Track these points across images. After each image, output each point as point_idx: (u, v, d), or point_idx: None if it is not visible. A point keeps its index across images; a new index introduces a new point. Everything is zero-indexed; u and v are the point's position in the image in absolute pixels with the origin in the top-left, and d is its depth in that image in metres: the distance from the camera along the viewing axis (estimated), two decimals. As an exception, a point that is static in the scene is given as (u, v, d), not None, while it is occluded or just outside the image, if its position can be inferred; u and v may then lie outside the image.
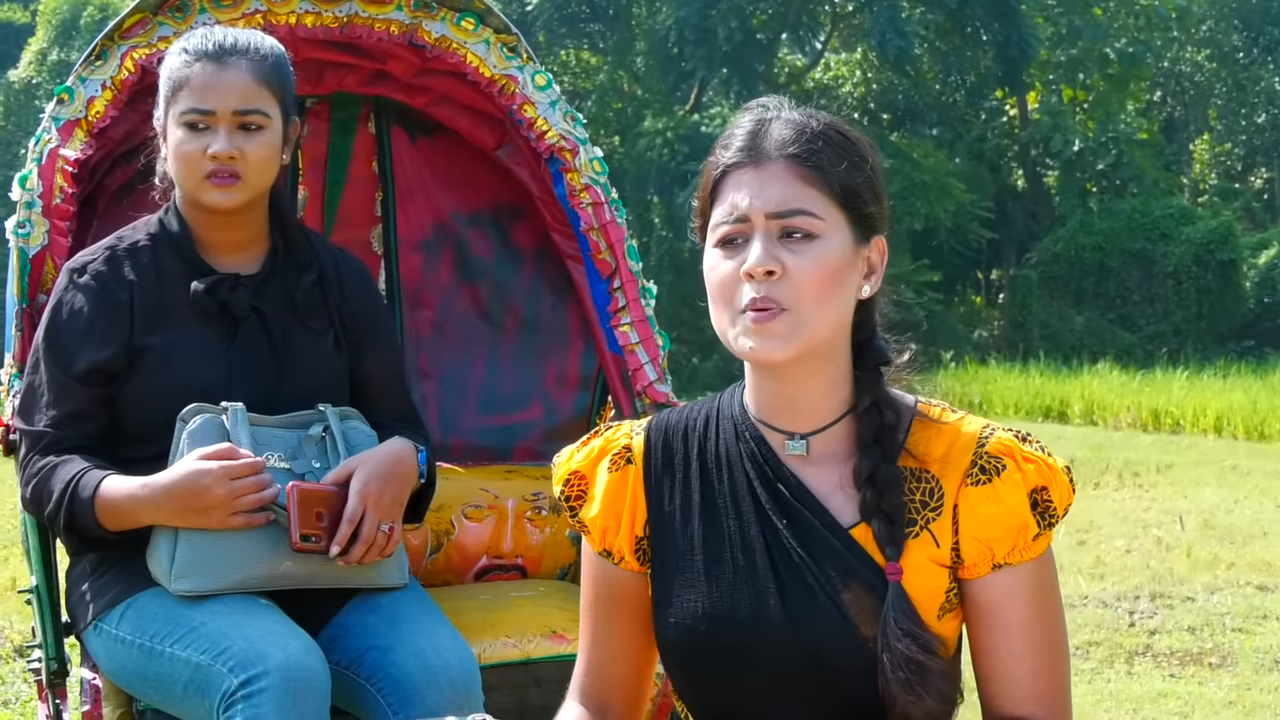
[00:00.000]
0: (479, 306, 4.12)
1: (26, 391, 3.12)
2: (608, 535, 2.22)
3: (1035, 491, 2.05)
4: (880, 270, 2.10)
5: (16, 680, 6.05)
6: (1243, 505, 11.01)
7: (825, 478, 2.10)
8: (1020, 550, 2.04)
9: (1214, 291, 27.02)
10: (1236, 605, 7.49)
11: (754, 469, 2.13)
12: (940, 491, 2.06)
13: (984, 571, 2.05)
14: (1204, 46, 33.89)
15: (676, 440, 2.20)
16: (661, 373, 3.74)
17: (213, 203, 3.08)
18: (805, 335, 2.02)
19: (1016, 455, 2.06)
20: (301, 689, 2.78)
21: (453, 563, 3.82)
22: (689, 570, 2.14)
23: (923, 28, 29.45)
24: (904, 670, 1.98)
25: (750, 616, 2.08)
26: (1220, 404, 17.98)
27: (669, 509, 2.18)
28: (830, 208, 2.04)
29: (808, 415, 2.11)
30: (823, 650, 2.04)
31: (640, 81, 30.75)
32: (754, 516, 2.11)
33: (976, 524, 2.04)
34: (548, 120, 3.75)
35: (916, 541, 2.05)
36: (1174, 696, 5.82)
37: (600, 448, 2.26)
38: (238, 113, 3.06)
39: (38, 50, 29.98)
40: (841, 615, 2.03)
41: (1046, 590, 2.08)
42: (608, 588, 2.25)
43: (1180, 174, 33.40)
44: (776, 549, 2.09)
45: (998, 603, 2.05)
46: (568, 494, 2.26)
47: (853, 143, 2.08)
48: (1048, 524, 2.05)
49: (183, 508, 2.91)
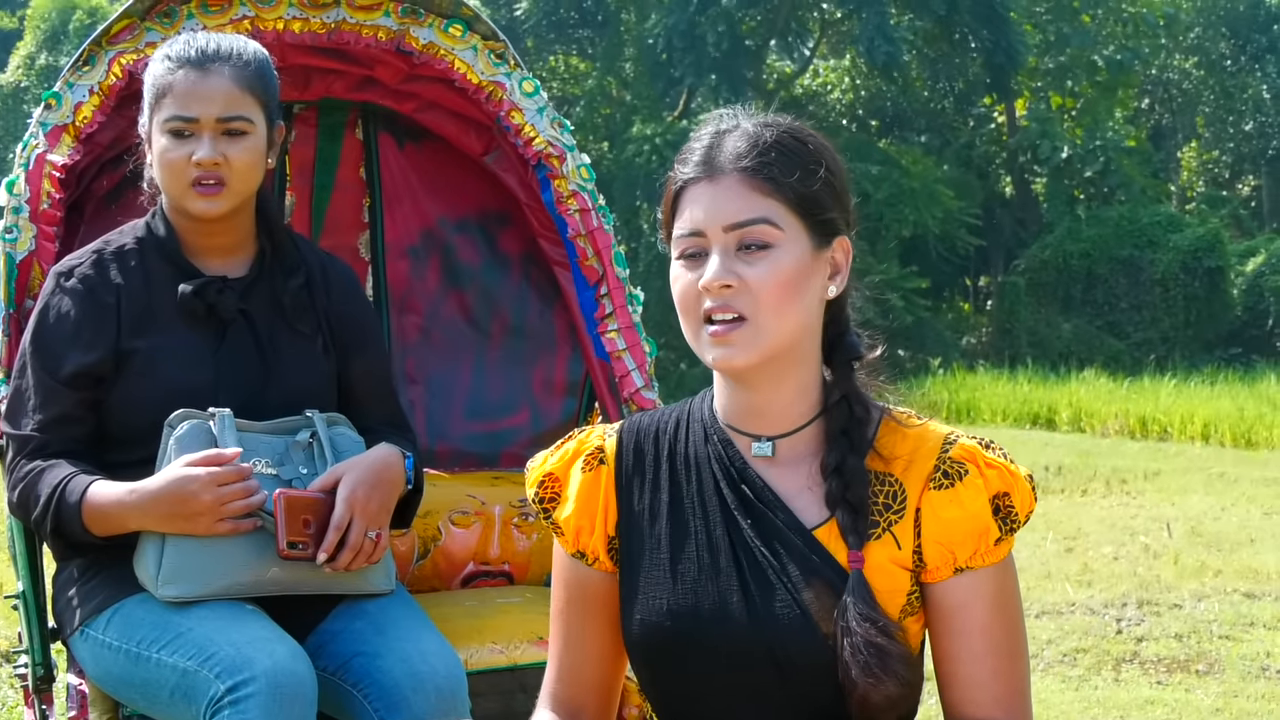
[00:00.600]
0: (466, 312, 4.12)
1: (13, 395, 3.11)
2: (581, 536, 2.24)
3: (997, 497, 2.07)
4: (846, 269, 2.12)
5: (2, 686, 6.04)
6: (1230, 512, 11.03)
7: (791, 479, 2.13)
8: (982, 555, 2.07)
9: (1201, 299, 27.07)
10: (1224, 612, 7.50)
11: (720, 470, 2.16)
12: (903, 494, 2.08)
13: (946, 575, 2.08)
14: (1192, 54, 33.97)
15: (648, 442, 2.23)
16: (648, 379, 3.75)
17: (198, 211, 3.08)
18: (765, 343, 2.07)
19: (979, 461, 2.09)
20: (288, 695, 2.78)
21: (439, 569, 3.82)
22: (655, 568, 2.16)
23: (911, 34, 29.50)
24: (863, 654, 2.01)
25: (713, 613, 2.10)
26: (1207, 411, 18.01)
27: (638, 508, 2.21)
28: (787, 216, 2.06)
29: (776, 420, 2.14)
30: (783, 647, 2.06)
31: (629, 87, 30.76)
32: (720, 516, 2.14)
33: (939, 527, 2.07)
34: (535, 127, 3.75)
35: (878, 543, 2.07)
36: (1161, 704, 5.82)
37: (574, 450, 2.28)
38: (221, 119, 3.06)
39: (25, 55, 29.94)
40: (802, 613, 2.05)
41: (1007, 594, 2.11)
42: (580, 590, 2.26)
43: (1168, 181, 33.47)
44: (741, 548, 2.11)
45: (959, 606, 2.08)
46: (541, 495, 2.29)
47: (808, 148, 2.10)
48: (1009, 529, 2.08)
49: (170, 514, 2.91)
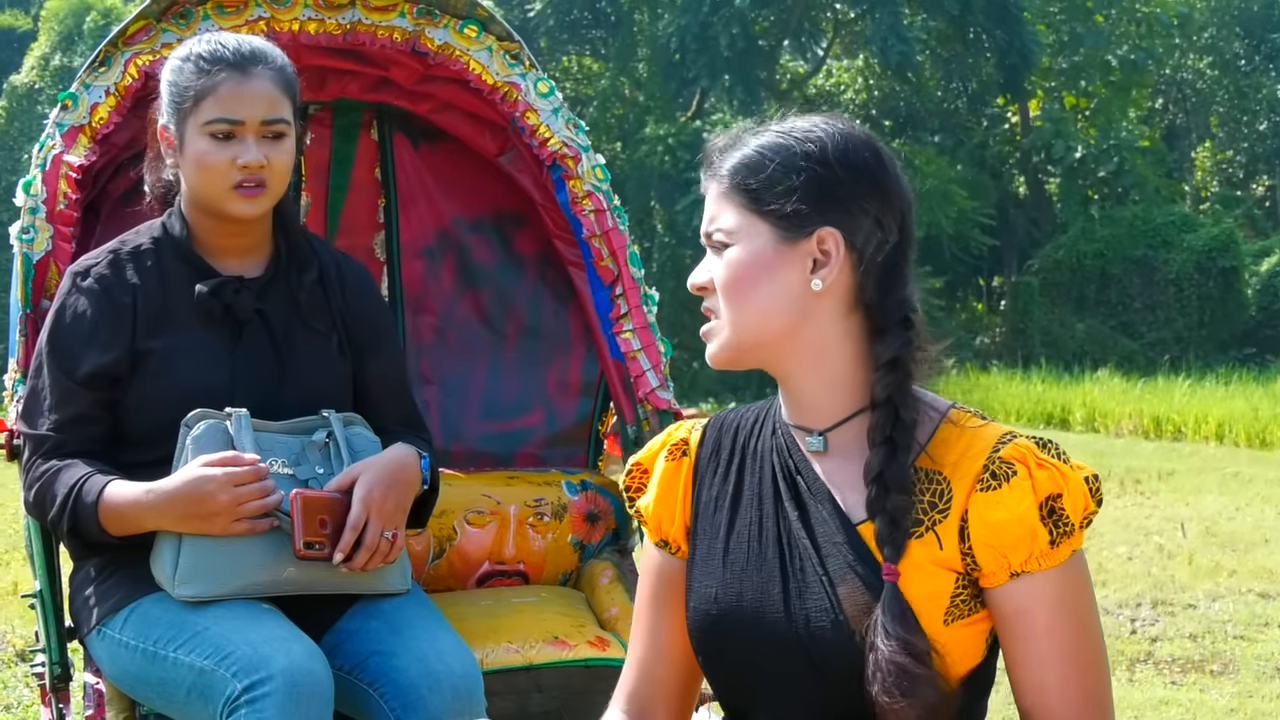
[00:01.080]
0: (481, 313, 4.13)
1: (30, 395, 3.12)
2: (662, 524, 2.26)
3: (1049, 499, 2.02)
4: (835, 261, 2.07)
5: (19, 685, 6.05)
6: (1244, 513, 11.00)
7: (843, 473, 2.12)
8: (1037, 558, 2.02)
9: (1216, 299, 27.01)
10: (1238, 613, 7.48)
11: (779, 462, 2.17)
12: (949, 494, 2.05)
13: (1003, 580, 2.03)
14: (1206, 54, 33.90)
15: (727, 435, 2.26)
16: (664, 379, 3.75)
17: (239, 213, 3.09)
18: (730, 338, 2.12)
19: (1030, 462, 2.03)
20: (305, 694, 2.79)
21: (455, 569, 3.83)
22: (712, 558, 2.18)
23: (924, 34, 29.46)
24: (884, 672, 1.98)
25: (753, 603, 2.11)
26: (1222, 411, 17.97)
27: (706, 499, 2.22)
28: (742, 215, 2.10)
29: (818, 413, 2.13)
30: (815, 642, 2.05)
31: (642, 88, 30.75)
32: (773, 508, 2.15)
33: (986, 531, 2.02)
34: (550, 127, 3.76)
35: (919, 542, 2.04)
36: (1175, 704, 5.81)
37: (663, 441, 2.32)
38: (266, 123, 3.06)
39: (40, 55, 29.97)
40: (834, 608, 2.04)
41: (1072, 597, 2.05)
42: (661, 579, 2.27)
43: (1182, 181, 33.39)
44: (787, 539, 2.11)
45: (1020, 611, 2.04)
46: (629, 484, 2.33)
47: (778, 140, 2.12)
48: (1063, 532, 2.02)
49: (186, 514, 2.92)
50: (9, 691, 5.99)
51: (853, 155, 2.09)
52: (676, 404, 3.77)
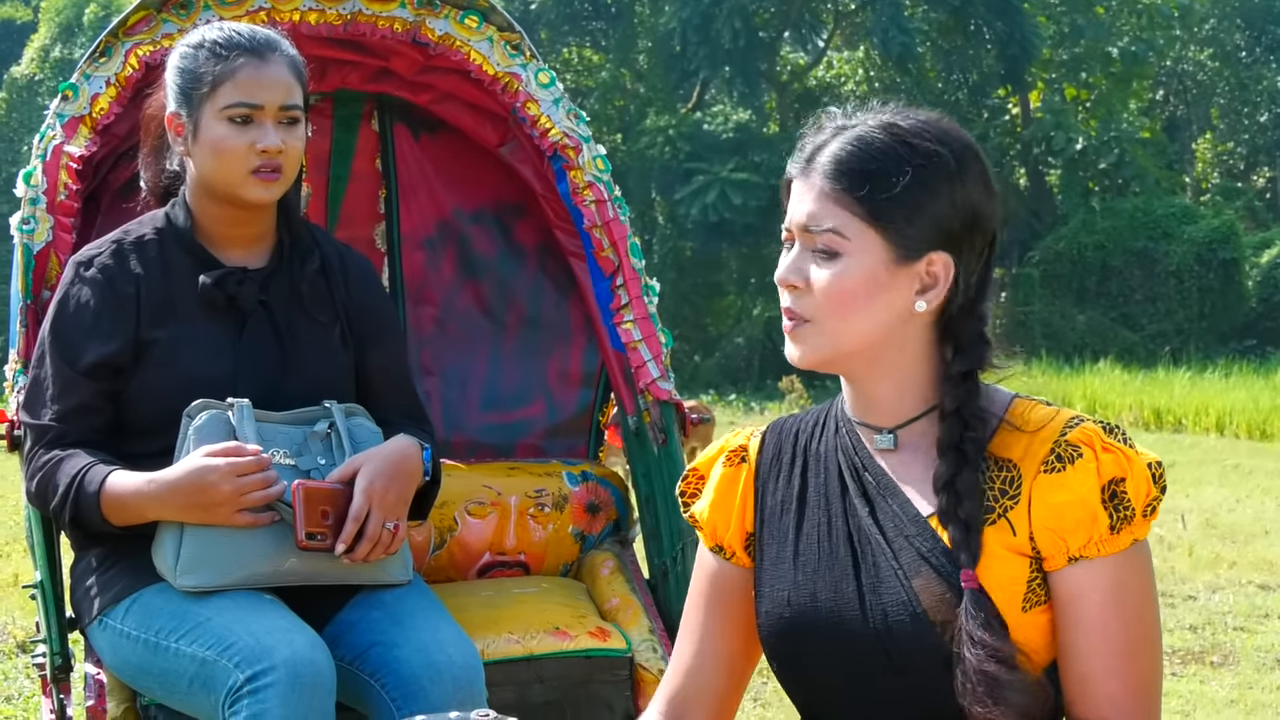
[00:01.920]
0: (482, 304, 4.13)
1: (32, 385, 3.12)
2: (717, 530, 2.25)
3: (1112, 483, 2.00)
4: (943, 284, 2.06)
5: (20, 676, 6.06)
6: (1244, 504, 11.01)
7: (910, 468, 2.11)
8: (1096, 544, 1.99)
9: (1216, 291, 27.01)
10: (1238, 604, 7.49)
11: (845, 460, 2.15)
12: (1019, 479, 2.03)
13: (1061, 564, 2.01)
14: (1206, 45, 33.88)
15: (788, 440, 2.24)
16: (664, 370, 3.74)
17: (255, 198, 3.08)
18: (828, 346, 2.07)
19: (1095, 445, 2.02)
20: (307, 684, 2.79)
21: (456, 559, 3.83)
22: (781, 561, 2.16)
23: (925, 25, 29.45)
24: (973, 682, 1.95)
25: (829, 602, 2.09)
26: (1222, 403, 17.98)
27: (772, 504, 2.21)
28: (856, 226, 2.04)
29: (889, 412, 2.12)
30: (893, 638, 2.03)
31: (643, 79, 30.76)
32: (840, 506, 2.13)
33: (1046, 513, 2.01)
34: (551, 118, 3.76)
35: (993, 529, 2.02)
36: (1175, 695, 5.82)
37: (720, 447, 2.30)
38: (283, 108, 3.07)
39: (40, 47, 29.99)
40: (910, 599, 2.02)
41: (1129, 589, 2.01)
42: (714, 584, 2.26)
43: (1182, 173, 33.39)
44: (858, 535, 2.10)
45: (1074, 598, 2.01)
46: (684, 489, 2.32)
47: (900, 145, 2.05)
48: (1123, 517, 2.00)
49: (188, 504, 2.91)
50: (10, 683, 6.00)
51: (970, 172, 2.07)
52: (677, 395, 3.76)
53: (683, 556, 3.62)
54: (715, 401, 23.36)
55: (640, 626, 3.55)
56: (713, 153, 27.23)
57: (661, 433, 3.71)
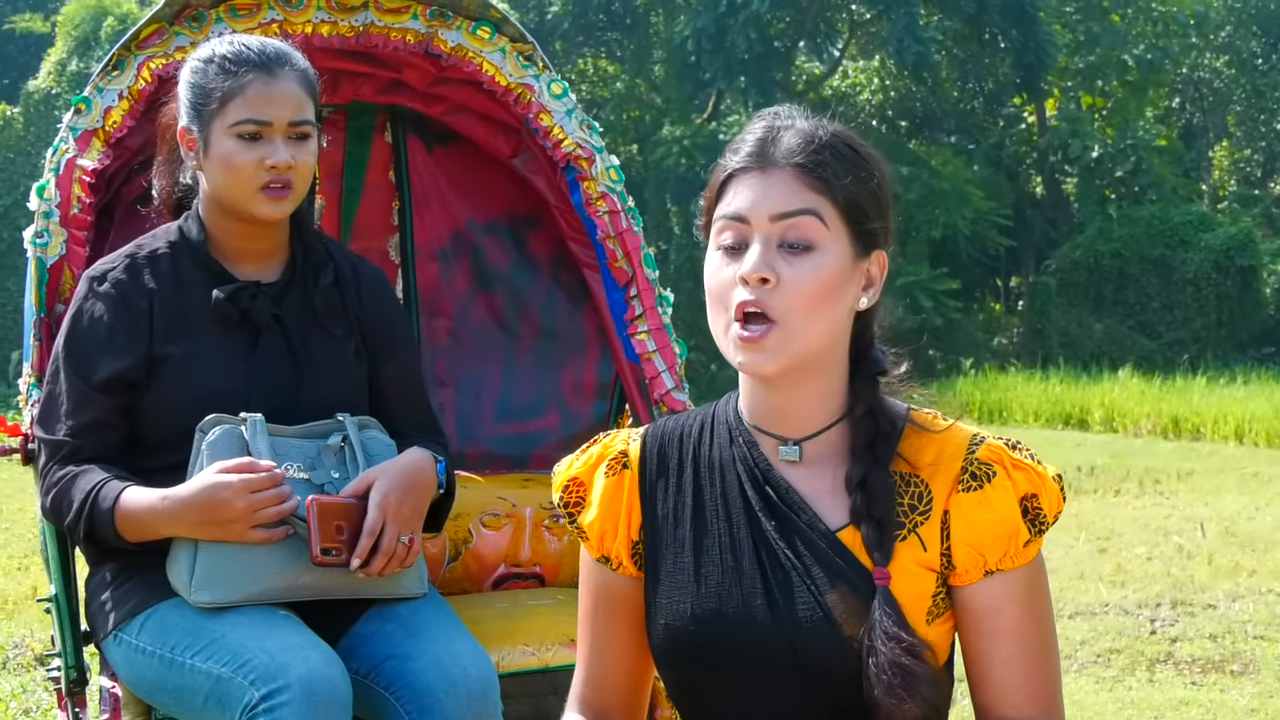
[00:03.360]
0: (496, 315, 4.12)
1: (46, 400, 3.12)
2: (605, 540, 2.23)
3: (1025, 498, 2.06)
4: (879, 283, 2.11)
5: (38, 689, 6.06)
6: (1264, 512, 10.97)
7: (816, 481, 2.11)
8: (1012, 557, 2.06)
9: (1234, 298, 26.94)
10: (1258, 613, 7.46)
11: (745, 472, 2.14)
12: (929, 496, 2.07)
13: (975, 578, 2.06)
14: (1223, 53, 33.82)
15: (671, 446, 2.22)
16: (679, 380, 3.74)
17: (265, 214, 3.08)
18: (794, 349, 2.04)
19: (1006, 462, 2.07)
20: (323, 701, 2.78)
21: (471, 571, 3.82)
22: (679, 572, 2.15)
23: (940, 34, 29.42)
24: (888, 674, 1.98)
25: (737, 616, 2.09)
26: (1241, 411, 17.91)
27: (662, 513, 2.19)
28: (834, 216, 2.04)
29: (800, 422, 2.12)
30: (807, 650, 2.04)
31: (658, 90, 30.75)
32: (744, 519, 2.13)
33: (968, 530, 2.05)
34: (564, 129, 3.76)
35: (904, 545, 2.06)
36: (1196, 704, 5.79)
37: (598, 454, 2.28)
38: (293, 124, 3.06)
39: (57, 60, 30.04)
40: (826, 616, 2.03)
41: (1038, 594, 2.10)
42: (605, 594, 2.25)
43: (1199, 180, 33.31)
44: (765, 550, 2.10)
45: (990, 609, 2.07)
46: (566, 500, 2.28)
47: (860, 156, 2.08)
48: (1038, 530, 2.06)
49: (202, 520, 2.91)
50: (28, 695, 6.00)
51: (888, 174, 2.12)
52: (692, 405, 3.75)
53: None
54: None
55: (656, 638, 3.53)
56: (728, 163, 27.18)
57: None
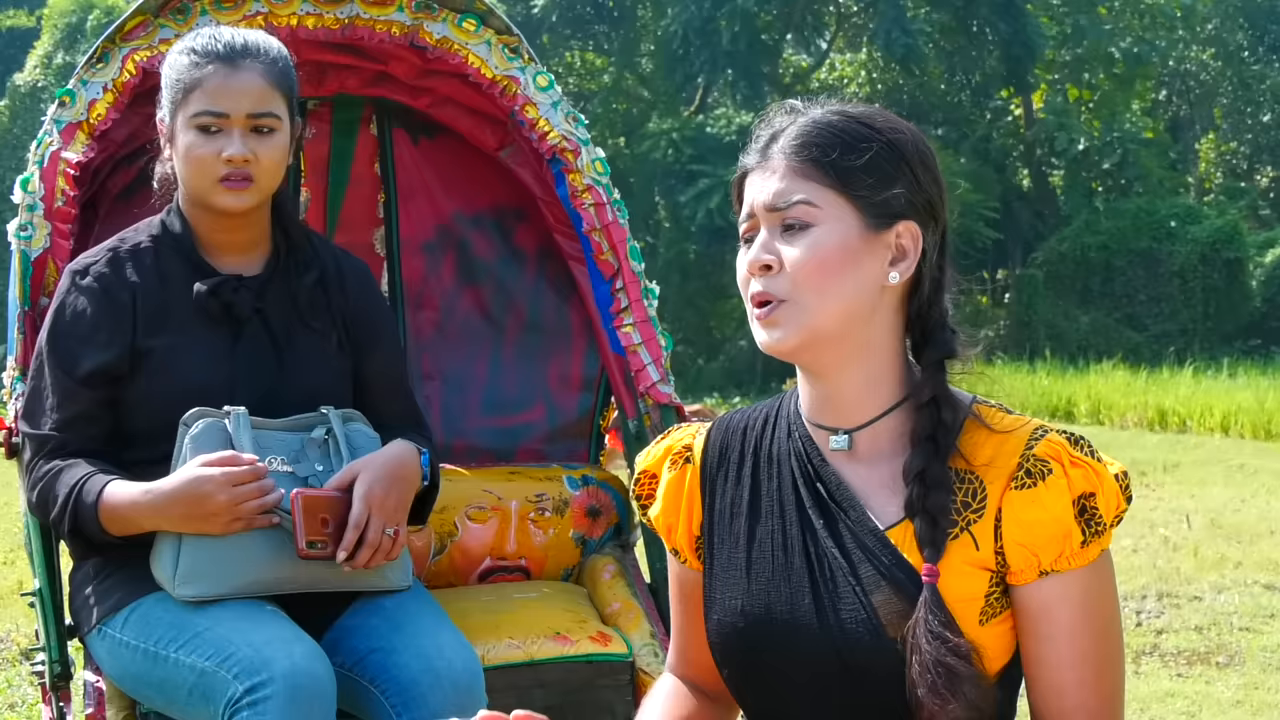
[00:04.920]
0: (482, 308, 4.12)
1: (31, 395, 3.11)
2: (671, 533, 2.23)
3: (1082, 497, 1.99)
4: (913, 256, 2.05)
5: (23, 683, 6.05)
6: (1250, 504, 10.99)
7: (869, 476, 2.08)
8: (1068, 557, 1.99)
9: (1220, 290, 26.99)
10: (1244, 604, 7.48)
11: (798, 467, 2.12)
12: (984, 493, 2.01)
13: (1031, 578, 2.00)
14: (1209, 45, 33.86)
15: (734, 439, 2.21)
16: (664, 373, 3.73)
17: (225, 206, 3.07)
18: (807, 323, 2.01)
19: (1064, 459, 2.00)
20: (306, 695, 2.78)
21: (456, 564, 3.82)
22: (733, 568, 2.14)
23: (928, 26, 29.44)
24: (931, 673, 1.94)
25: (784, 615, 2.07)
26: (1227, 403, 17.94)
27: (720, 507, 2.18)
28: (826, 195, 2.01)
29: (847, 410, 2.08)
30: (851, 651, 2.01)
31: (645, 83, 30.77)
32: (795, 515, 2.10)
33: (1019, 530, 1.99)
34: (549, 121, 3.74)
35: (956, 543, 2.00)
36: (1181, 696, 5.80)
37: (666, 447, 2.28)
38: (251, 115, 3.04)
39: (43, 54, 29.99)
40: (870, 616, 2.00)
41: (1097, 599, 2.01)
42: (679, 585, 2.26)
43: (1186, 173, 33.37)
44: (814, 548, 2.07)
45: (1044, 610, 2.00)
46: (639, 493, 2.30)
47: (859, 124, 2.05)
48: (1094, 532, 1.99)
49: (185, 514, 2.90)
50: (13, 690, 6.00)
51: (926, 154, 2.08)
52: (677, 398, 3.75)
53: (684, 561, 3.61)
54: (719, 405, 23.35)
55: (641, 631, 3.54)
56: (716, 155, 27.22)
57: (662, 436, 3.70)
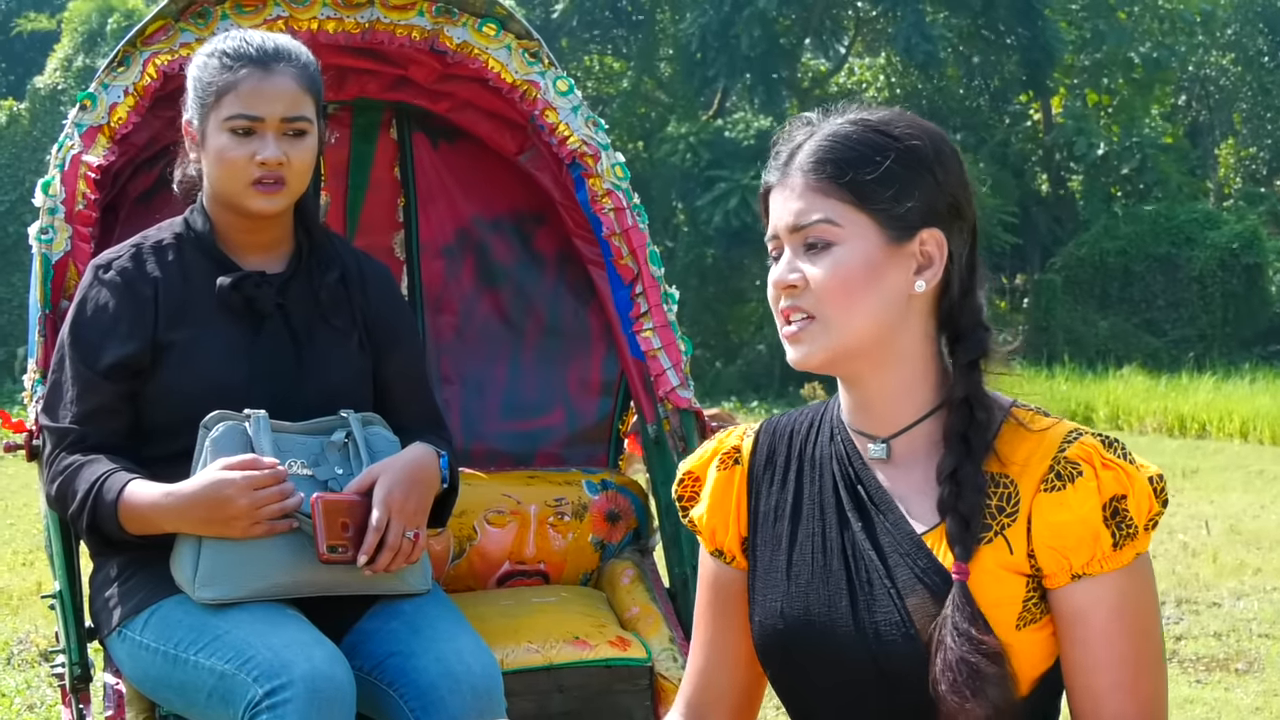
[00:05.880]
0: (501, 312, 4.12)
1: (51, 388, 3.11)
2: (716, 534, 2.23)
3: (1112, 500, 1.97)
4: (939, 263, 2.05)
5: (42, 684, 6.07)
6: (1269, 510, 10.96)
7: (906, 480, 2.08)
8: (1099, 560, 1.97)
9: (1239, 296, 26.92)
10: (1263, 611, 7.46)
11: (840, 470, 2.13)
12: (1017, 496, 2.00)
13: (1063, 581, 1.99)
14: (1229, 50, 33.77)
15: (781, 442, 2.21)
16: (684, 378, 3.73)
17: (257, 209, 3.08)
18: (835, 340, 2.03)
19: (1095, 461, 1.99)
20: (326, 699, 2.78)
21: (475, 568, 3.82)
22: (774, 570, 2.14)
23: (947, 31, 29.41)
24: (953, 671, 1.93)
25: (821, 617, 2.07)
26: (1246, 409, 17.91)
27: (764, 510, 2.19)
28: (846, 212, 2.02)
29: (885, 418, 2.09)
30: (885, 654, 2.01)
31: (664, 87, 30.77)
32: (835, 518, 2.11)
33: (1048, 532, 1.98)
34: (569, 125, 3.75)
35: (989, 548, 2.00)
36: (1200, 703, 5.79)
37: (713, 449, 2.27)
38: (286, 119, 3.06)
39: (63, 57, 30.05)
40: (903, 619, 2.00)
41: (1133, 603, 2.00)
42: (718, 588, 2.25)
43: (1205, 178, 33.28)
44: (852, 551, 2.08)
45: (1078, 614, 1.99)
46: (681, 494, 2.29)
47: (879, 139, 2.05)
48: (1126, 535, 1.97)
49: (206, 518, 2.91)
50: (33, 691, 6.01)
51: (947, 156, 2.07)
52: (697, 403, 3.75)
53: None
54: (737, 409, 23.34)
55: (660, 635, 3.54)
56: (734, 160, 27.22)
57: (681, 441, 3.70)
